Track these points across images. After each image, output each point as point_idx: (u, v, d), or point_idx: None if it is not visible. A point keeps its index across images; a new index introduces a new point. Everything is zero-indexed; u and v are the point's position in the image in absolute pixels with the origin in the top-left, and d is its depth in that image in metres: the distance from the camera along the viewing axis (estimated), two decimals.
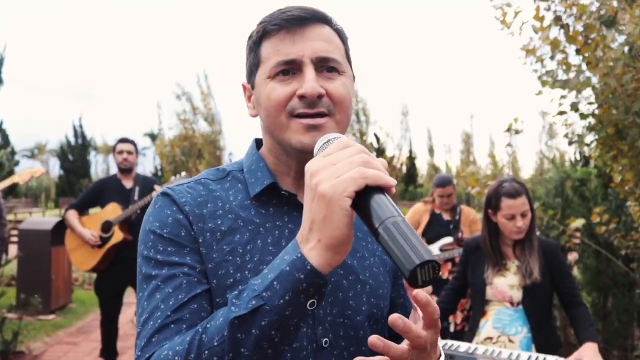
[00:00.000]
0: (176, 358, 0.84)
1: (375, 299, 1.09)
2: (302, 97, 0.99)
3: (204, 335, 0.84)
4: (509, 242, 2.94)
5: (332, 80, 1.02)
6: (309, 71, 0.99)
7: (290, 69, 1.01)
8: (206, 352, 0.83)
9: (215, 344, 0.83)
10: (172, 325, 0.92)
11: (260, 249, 1.01)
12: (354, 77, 1.13)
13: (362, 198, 0.78)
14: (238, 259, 1.00)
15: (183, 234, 1.00)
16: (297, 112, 0.99)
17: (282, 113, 1.00)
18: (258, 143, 1.16)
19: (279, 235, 1.04)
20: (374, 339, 0.83)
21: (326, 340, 1.01)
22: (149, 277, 0.98)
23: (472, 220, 4.93)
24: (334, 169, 0.79)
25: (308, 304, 0.82)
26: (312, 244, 0.81)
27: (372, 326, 0.93)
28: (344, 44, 1.09)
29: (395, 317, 0.82)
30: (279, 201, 1.07)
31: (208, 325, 0.86)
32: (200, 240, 1.00)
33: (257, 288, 0.83)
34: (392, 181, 0.79)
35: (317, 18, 1.04)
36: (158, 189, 4.45)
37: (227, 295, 0.88)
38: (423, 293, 0.82)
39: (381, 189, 0.79)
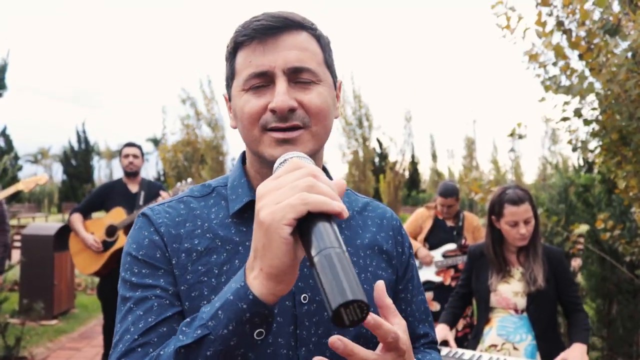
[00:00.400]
0: None
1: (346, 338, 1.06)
2: (273, 111, 0.95)
3: None
4: (512, 248, 2.93)
5: (308, 90, 0.97)
6: (281, 83, 0.95)
7: (262, 82, 0.97)
8: None
9: None
10: (139, 349, 0.90)
11: (237, 270, 0.97)
12: (336, 83, 1.08)
13: (305, 225, 0.73)
14: (213, 280, 0.97)
15: (158, 255, 0.98)
16: (269, 127, 0.96)
17: (256, 127, 0.97)
18: (244, 156, 1.13)
19: None
20: (333, 339, 0.81)
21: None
22: (124, 299, 0.97)
23: (475, 227, 4.91)
24: (276, 195, 0.75)
25: (255, 334, 0.79)
26: (255, 273, 0.78)
27: (362, 346, 0.90)
28: (323, 50, 1.04)
29: (333, 339, 0.80)
30: None
31: (161, 352, 0.85)
32: (174, 262, 0.98)
33: (204, 317, 0.81)
34: (338, 207, 0.73)
35: (291, 25, 0.99)
36: (163, 194, 4.45)
37: None
38: (371, 316, 0.79)
39: (327, 216, 0.73)
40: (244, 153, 1.13)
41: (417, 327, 1.19)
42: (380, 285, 0.86)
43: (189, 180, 4.69)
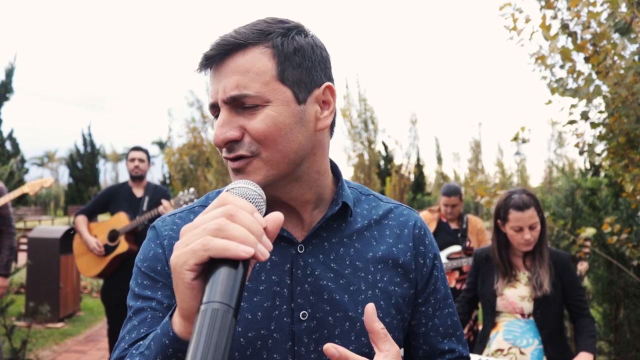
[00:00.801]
0: None
1: (366, 338, 1.01)
2: (218, 142, 0.94)
3: None
4: (518, 253, 2.92)
5: (252, 117, 0.93)
6: (221, 115, 0.94)
7: (216, 111, 0.97)
8: None
9: None
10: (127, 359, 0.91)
11: None
12: (297, 97, 0.97)
13: (211, 269, 0.69)
14: None
15: (159, 268, 0.99)
16: (223, 157, 0.97)
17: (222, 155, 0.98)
18: None
19: (259, 269, 1.00)
20: (328, 346, 0.81)
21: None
22: (128, 307, 1.00)
23: (479, 229, 4.91)
24: (188, 236, 0.72)
25: None
26: (177, 311, 0.78)
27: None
28: (278, 64, 0.95)
29: (328, 346, 0.80)
30: None
31: None
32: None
33: (146, 343, 0.84)
34: (244, 252, 0.68)
35: (238, 45, 0.94)
36: (165, 203, 4.44)
37: None
38: (332, 348, 0.80)
39: (235, 261, 0.69)
40: None
41: (440, 342, 1.14)
42: (369, 309, 0.84)
43: (192, 190, 4.69)
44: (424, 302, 1.13)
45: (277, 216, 0.76)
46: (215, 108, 0.97)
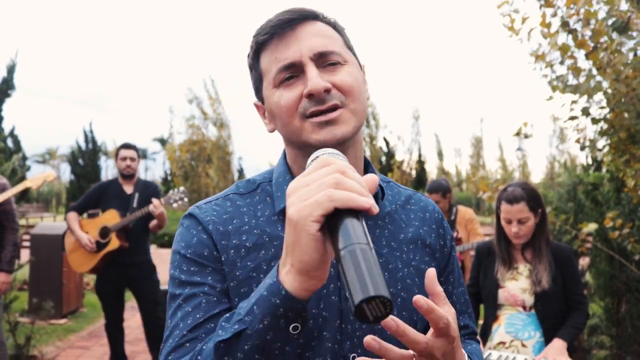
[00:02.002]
0: None
1: (407, 313, 1.05)
2: (310, 96, 0.97)
3: (199, 357, 0.86)
4: (517, 245, 2.95)
5: (337, 71, 0.99)
6: (311, 69, 0.97)
7: (292, 73, 0.99)
8: None
9: None
10: (187, 345, 0.92)
11: None
12: (360, 64, 1.09)
13: (333, 221, 0.73)
14: (262, 275, 0.99)
15: (206, 253, 1.00)
16: (309, 112, 0.97)
17: (295, 117, 0.98)
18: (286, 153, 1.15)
19: None
20: (368, 339, 0.82)
21: (354, 356, 0.99)
22: (173, 296, 0.99)
23: (468, 219, 4.99)
24: (303, 192, 0.75)
25: (291, 328, 0.80)
26: (287, 269, 0.79)
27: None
28: (341, 35, 1.06)
29: (368, 340, 0.82)
30: None
31: (204, 347, 0.87)
32: (223, 259, 1.00)
33: (241, 312, 0.83)
34: (366, 203, 0.72)
35: (306, 16, 1.02)
36: (155, 202, 4.44)
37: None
38: (422, 299, 0.79)
39: (355, 212, 0.73)
40: (285, 150, 1.14)
41: (458, 318, 1.18)
42: (431, 273, 0.86)
43: (181, 189, 4.76)
44: (445, 280, 1.18)
45: (373, 178, 0.79)
46: (289, 69, 0.99)
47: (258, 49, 1.04)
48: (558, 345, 2.69)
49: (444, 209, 4.95)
